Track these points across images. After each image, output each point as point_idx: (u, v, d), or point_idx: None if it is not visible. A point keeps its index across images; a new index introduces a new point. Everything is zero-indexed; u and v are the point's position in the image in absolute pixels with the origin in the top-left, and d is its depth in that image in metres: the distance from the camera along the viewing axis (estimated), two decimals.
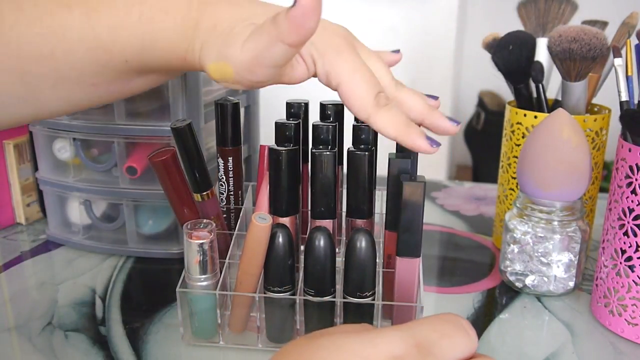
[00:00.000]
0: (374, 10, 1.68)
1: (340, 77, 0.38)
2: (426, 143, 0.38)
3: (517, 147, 0.58)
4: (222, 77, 0.37)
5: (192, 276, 0.44)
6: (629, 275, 0.46)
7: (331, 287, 0.43)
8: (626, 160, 0.46)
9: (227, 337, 0.46)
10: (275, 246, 0.42)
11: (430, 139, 0.39)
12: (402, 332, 0.25)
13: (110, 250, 0.61)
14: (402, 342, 0.24)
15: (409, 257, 0.43)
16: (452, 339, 0.26)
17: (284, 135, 0.47)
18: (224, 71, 0.37)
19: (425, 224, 0.70)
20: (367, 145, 0.47)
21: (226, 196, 0.54)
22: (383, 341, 0.24)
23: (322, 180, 0.44)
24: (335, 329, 0.28)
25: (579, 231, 0.52)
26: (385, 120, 0.38)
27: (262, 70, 0.36)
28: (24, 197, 0.67)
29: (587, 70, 0.55)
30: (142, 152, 0.58)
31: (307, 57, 0.39)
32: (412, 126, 0.38)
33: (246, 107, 0.70)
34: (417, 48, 1.70)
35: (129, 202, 0.59)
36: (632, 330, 0.47)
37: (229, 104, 0.51)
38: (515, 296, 0.54)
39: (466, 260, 0.62)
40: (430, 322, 0.26)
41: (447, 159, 1.87)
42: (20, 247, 0.63)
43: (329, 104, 0.51)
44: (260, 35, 0.34)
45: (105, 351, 0.45)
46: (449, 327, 0.26)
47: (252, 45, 0.35)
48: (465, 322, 0.27)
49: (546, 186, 0.51)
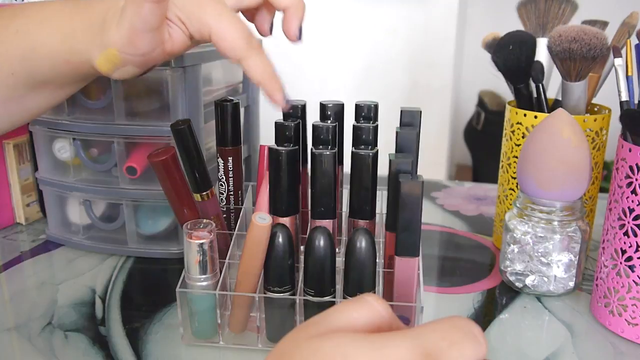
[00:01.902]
0: (374, 11, 1.68)
1: (209, 24, 0.40)
2: (282, 98, 0.41)
3: (517, 147, 0.58)
4: (111, 64, 0.40)
5: (192, 276, 0.44)
6: (629, 275, 0.46)
7: (331, 287, 0.43)
8: (626, 160, 0.46)
9: (227, 337, 0.46)
10: (275, 246, 0.42)
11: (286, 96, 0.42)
12: (411, 339, 0.24)
13: (110, 250, 0.61)
14: (410, 352, 0.23)
15: (408, 257, 0.43)
16: (461, 348, 0.24)
17: (284, 135, 0.47)
18: (110, 57, 0.40)
19: (425, 224, 0.70)
20: (368, 146, 0.47)
21: (226, 196, 0.54)
22: (391, 351, 0.23)
23: (322, 180, 0.44)
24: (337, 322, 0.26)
25: (579, 231, 0.52)
26: (257, 64, 0.40)
27: (142, 38, 0.39)
28: (24, 197, 0.67)
29: (587, 70, 0.55)
30: (142, 152, 0.58)
31: (176, 21, 0.41)
32: (276, 77, 0.41)
33: (246, 107, 0.70)
34: (417, 48, 1.70)
35: (129, 202, 0.59)
36: (632, 330, 0.47)
37: (229, 104, 0.51)
38: (515, 296, 0.54)
39: (466, 260, 0.62)
40: (440, 329, 0.25)
41: (447, 159, 1.87)
42: (20, 247, 0.63)
43: (329, 104, 0.51)
44: (128, 4, 0.38)
45: (105, 351, 0.45)
46: (458, 335, 0.25)
47: (125, 18, 0.38)
48: (475, 328, 0.26)
49: (546, 186, 0.51)
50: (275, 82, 0.41)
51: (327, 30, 1.69)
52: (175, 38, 0.42)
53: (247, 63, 0.40)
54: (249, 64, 0.40)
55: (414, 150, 0.46)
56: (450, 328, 0.25)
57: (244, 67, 0.40)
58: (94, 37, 0.40)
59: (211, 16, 0.40)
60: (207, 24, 0.40)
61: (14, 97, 0.43)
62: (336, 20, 1.71)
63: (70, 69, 0.42)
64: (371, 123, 0.48)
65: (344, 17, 1.72)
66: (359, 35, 1.71)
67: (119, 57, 0.39)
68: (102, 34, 0.39)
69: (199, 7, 0.40)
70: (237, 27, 0.40)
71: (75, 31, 0.41)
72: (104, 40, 0.39)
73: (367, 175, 0.44)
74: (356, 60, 1.71)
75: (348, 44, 1.72)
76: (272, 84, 0.41)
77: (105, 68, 0.40)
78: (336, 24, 1.71)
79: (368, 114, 0.51)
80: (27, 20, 0.41)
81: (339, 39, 1.72)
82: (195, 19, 0.40)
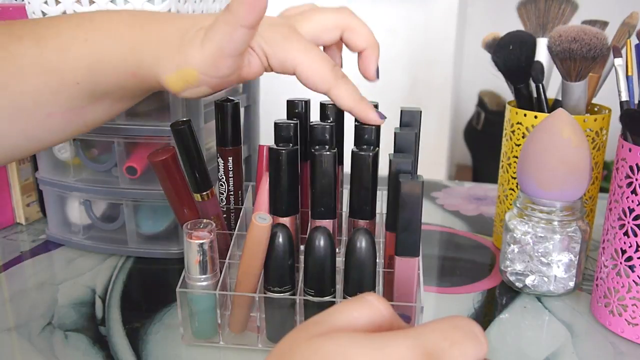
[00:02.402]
0: (374, 10, 1.68)
1: (296, 59, 0.41)
2: (376, 115, 0.44)
3: (517, 147, 0.58)
4: (185, 83, 0.39)
5: (192, 276, 0.44)
6: (629, 275, 0.46)
7: (331, 287, 0.43)
8: (626, 160, 0.46)
9: (227, 337, 0.46)
10: (275, 246, 0.42)
11: (379, 112, 0.44)
12: (412, 339, 0.24)
13: (110, 250, 0.61)
14: (411, 352, 0.23)
15: (408, 257, 0.43)
16: (462, 347, 0.24)
17: (284, 135, 0.47)
18: (186, 76, 0.39)
19: (425, 224, 0.70)
20: (369, 146, 0.47)
21: (226, 196, 0.54)
22: (392, 351, 0.23)
23: (322, 180, 0.44)
24: (337, 321, 0.26)
25: (579, 231, 0.52)
26: (344, 92, 0.42)
27: (226, 62, 0.39)
28: (24, 197, 0.67)
29: (587, 70, 0.55)
30: (142, 152, 0.58)
31: (259, 50, 0.41)
32: (365, 99, 0.43)
33: (246, 107, 0.70)
34: (417, 48, 1.70)
35: (129, 202, 0.59)
36: (632, 330, 0.47)
37: (229, 104, 0.51)
38: (515, 296, 0.54)
39: (466, 260, 0.62)
40: (441, 329, 0.25)
41: (447, 159, 1.87)
42: (20, 247, 0.63)
43: (329, 104, 0.51)
44: (219, 27, 0.37)
45: (105, 351, 0.45)
46: (459, 335, 0.25)
47: (213, 39, 0.38)
48: (477, 328, 0.26)
49: (546, 186, 0.51)
50: (366, 104, 0.43)
51: None
52: (253, 65, 0.42)
53: (336, 93, 0.42)
54: (338, 93, 0.42)
55: (413, 150, 0.46)
56: (451, 328, 0.25)
57: (333, 96, 0.42)
58: (168, 53, 0.39)
59: (298, 51, 0.41)
60: (293, 58, 0.41)
61: (75, 108, 0.42)
62: None
63: (135, 82, 0.41)
64: None
65: None
66: None
67: (196, 77, 0.39)
68: (180, 52, 0.39)
69: (286, 41, 0.41)
70: (324, 60, 0.41)
71: (144, 44, 0.40)
72: (183, 59, 0.39)
73: (367, 175, 0.44)
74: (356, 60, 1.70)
75: None
76: (364, 106, 0.43)
77: (177, 87, 0.40)
78: None
79: None
80: (95, 29, 0.40)
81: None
82: (280, 51, 0.41)
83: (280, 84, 0.76)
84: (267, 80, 0.63)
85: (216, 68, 0.39)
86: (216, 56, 0.38)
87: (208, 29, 0.38)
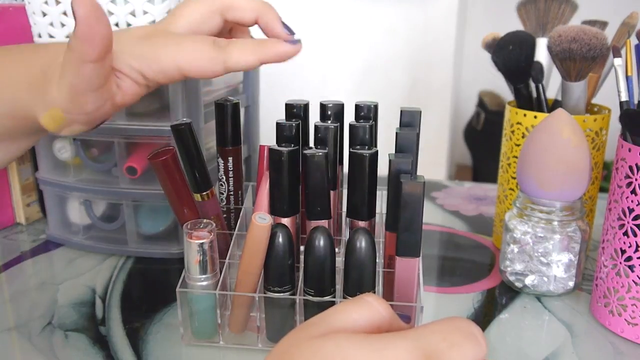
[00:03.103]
0: (374, 10, 1.68)
1: (174, 61, 0.38)
2: (286, 46, 0.39)
3: (517, 147, 0.58)
4: (56, 123, 0.37)
5: (192, 276, 0.44)
6: (629, 275, 0.46)
7: (331, 287, 0.43)
8: (626, 160, 0.46)
9: (227, 337, 0.46)
10: (275, 246, 0.42)
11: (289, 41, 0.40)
12: (411, 341, 0.24)
13: (110, 250, 0.61)
14: (410, 353, 0.23)
15: (409, 257, 0.43)
16: (462, 349, 0.24)
17: (284, 136, 0.47)
18: (54, 116, 0.37)
19: (425, 224, 0.70)
20: (365, 145, 0.47)
21: (226, 196, 0.54)
22: (391, 353, 0.23)
23: (314, 181, 0.44)
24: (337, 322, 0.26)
25: (578, 231, 0.52)
26: (238, 55, 0.39)
27: (86, 98, 0.36)
28: (24, 197, 0.67)
29: (587, 70, 0.55)
30: (142, 152, 0.58)
31: (129, 71, 0.38)
32: (264, 41, 0.39)
33: (246, 107, 0.70)
34: (417, 48, 1.70)
35: (129, 202, 0.59)
36: (632, 330, 0.47)
37: (229, 104, 0.51)
38: (515, 296, 0.54)
39: (466, 260, 0.62)
40: (440, 330, 0.25)
41: (447, 159, 1.86)
42: (20, 247, 0.63)
43: (329, 104, 0.51)
44: (66, 65, 0.34)
45: (105, 351, 0.45)
46: (458, 336, 0.25)
47: (65, 77, 0.35)
48: (476, 329, 0.26)
49: (546, 186, 0.51)
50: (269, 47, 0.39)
51: (327, 30, 1.69)
52: (125, 89, 0.39)
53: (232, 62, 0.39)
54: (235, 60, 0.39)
55: (413, 151, 0.46)
56: (450, 329, 0.25)
57: (232, 67, 0.39)
58: (36, 93, 0.37)
59: (173, 52, 0.38)
60: (171, 61, 0.38)
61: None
62: (336, 20, 1.71)
63: (14, 124, 0.39)
64: (368, 122, 0.48)
65: (344, 17, 1.72)
66: (359, 35, 1.71)
67: (62, 116, 0.37)
68: (43, 91, 0.36)
69: (157, 50, 0.38)
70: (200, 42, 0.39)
71: (17, 84, 0.37)
72: (49, 99, 0.36)
73: (365, 175, 0.44)
74: (356, 60, 1.71)
75: (348, 43, 1.72)
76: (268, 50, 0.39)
77: (51, 127, 0.37)
78: (336, 23, 1.71)
79: (368, 114, 0.51)
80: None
81: (339, 38, 1.72)
82: (154, 64, 0.38)
83: (281, 84, 0.76)
84: (267, 81, 0.63)
85: (78, 106, 0.36)
86: (72, 95, 0.35)
87: (59, 67, 0.35)
